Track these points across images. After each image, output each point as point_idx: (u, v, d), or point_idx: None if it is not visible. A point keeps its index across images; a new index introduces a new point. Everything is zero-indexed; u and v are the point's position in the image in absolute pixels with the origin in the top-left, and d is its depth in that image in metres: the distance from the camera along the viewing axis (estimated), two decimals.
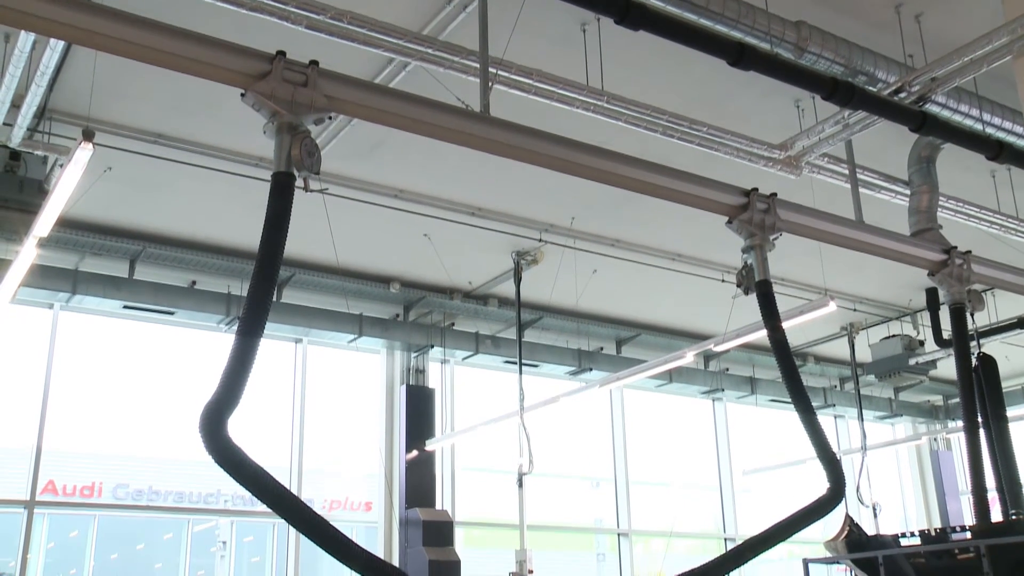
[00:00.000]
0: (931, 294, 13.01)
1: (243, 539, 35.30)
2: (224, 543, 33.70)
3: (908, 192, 8.79)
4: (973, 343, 11.64)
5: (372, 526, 12.90)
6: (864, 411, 15.94)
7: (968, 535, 6.89)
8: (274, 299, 11.43)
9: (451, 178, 10.09)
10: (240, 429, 5.11)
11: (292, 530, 12.40)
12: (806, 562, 7.05)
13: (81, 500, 23.42)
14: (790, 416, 14.86)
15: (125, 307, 11.47)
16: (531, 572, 11.05)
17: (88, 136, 6.43)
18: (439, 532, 11.95)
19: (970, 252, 7.74)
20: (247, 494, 5.02)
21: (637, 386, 15.59)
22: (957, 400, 16.73)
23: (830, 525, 7.67)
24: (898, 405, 18.02)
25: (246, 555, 35.28)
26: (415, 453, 12.62)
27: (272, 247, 4.92)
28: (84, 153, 6.40)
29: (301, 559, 12.35)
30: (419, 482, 12.61)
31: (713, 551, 14.70)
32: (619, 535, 15.22)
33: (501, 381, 14.04)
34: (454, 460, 13.58)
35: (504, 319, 13.19)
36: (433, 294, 12.86)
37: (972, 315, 11.65)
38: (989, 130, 8.03)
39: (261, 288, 4.90)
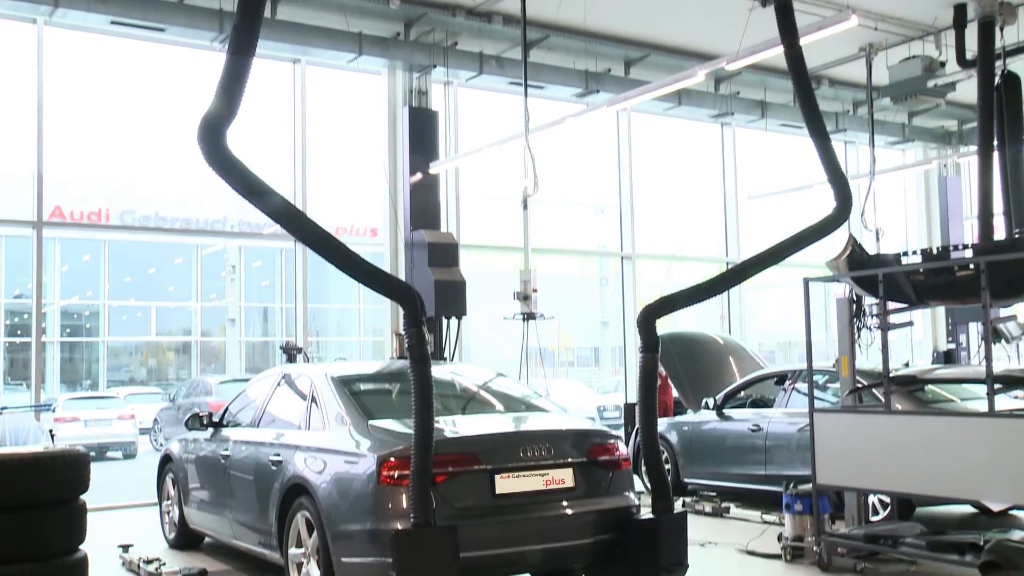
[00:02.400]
0: (959, 10, 12.51)
1: (252, 263, 36.35)
2: (233, 267, 34.70)
3: None
4: (998, 61, 11.40)
5: (378, 252, 13.20)
6: (876, 136, 15.82)
7: (969, 253, 7.01)
8: (268, 14, 11.05)
9: None
10: (241, 155, 5.06)
11: (300, 254, 12.71)
12: (806, 281, 7.23)
13: (89, 223, 23.73)
14: (799, 141, 14.80)
15: (112, 23, 11.07)
16: (535, 291, 11.42)
17: None
18: (444, 253, 12.23)
19: None
20: (254, 218, 5.03)
21: (645, 110, 15.37)
22: (972, 125, 16.53)
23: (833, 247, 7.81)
24: (911, 130, 17.85)
25: (255, 279, 36.43)
26: (419, 176, 12.67)
27: None
28: None
29: (309, 282, 12.74)
30: (424, 205, 12.75)
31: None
32: (622, 258, 15.61)
33: (506, 104, 13.83)
34: (458, 185, 13.66)
35: (509, 38, 12.77)
36: (435, 10, 12.37)
37: (1001, 30, 11.30)
38: None
39: None
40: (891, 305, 7.11)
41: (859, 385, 7.50)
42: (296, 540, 5.99)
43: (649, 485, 5.96)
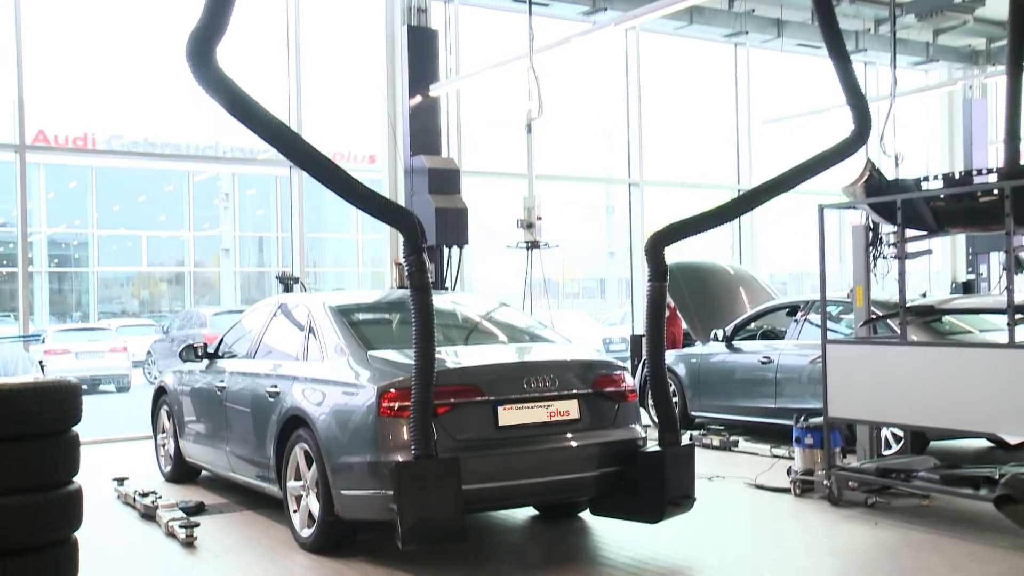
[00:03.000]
0: None
1: (246, 191, 36.21)
2: (227, 195, 34.58)
3: None
4: None
5: (376, 179, 13.10)
6: (898, 56, 15.53)
7: (993, 177, 6.94)
8: None
9: None
10: (232, 75, 4.97)
11: (295, 181, 12.63)
12: (821, 208, 7.18)
13: (74, 148, 23.54)
14: (816, 62, 14.58)
15: None
16: (539, 219, 11.37)
17: None
18: (446, 180, 12.15)
19: None
20: (247, 143, 4.98)
21: (654, 29, 15.10)
22: (1001, 43, 16.25)
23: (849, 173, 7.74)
24: (935, 49, 17.54)
25: (250, 207, 36.35)
26: (419, 99, 12.52)
27: None
28: None
29: (306, 211, 12.68)
30: (424, 130, 12.62)
31: None
32: (630, 186, 15.51)
33: (509, 23, 13.60)
34: (460, 108, 13.51)
35: None
36: None
37: None
38: None
39: None
40: (909, 233, 7.07)
41: (874, 316, 7.50)
42: (295, 473, 6.07)
43: (656, 418, 6.00)
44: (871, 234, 7.33)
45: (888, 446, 8.32)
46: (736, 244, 16.56)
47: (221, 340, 7.92)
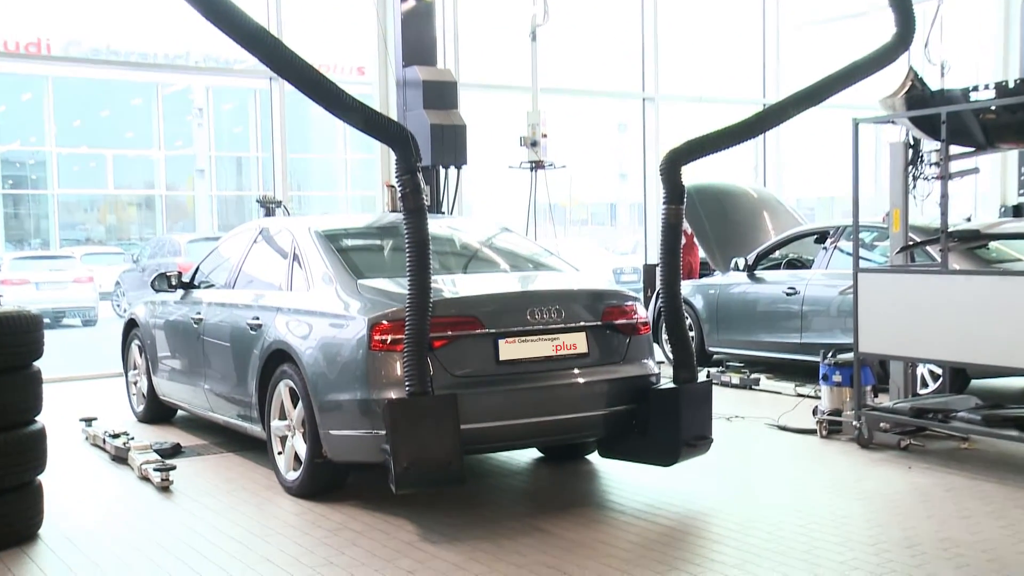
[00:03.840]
0: None
1: (222, 106, 35.83)
2: (200, 110, 34.22)
3: None
4: None
5: (366, 93, 12.97)
6: None
7: None
8: None
9: None
10: None
11: (276, 95, 12.49)
12: (856, 122, 7.11)
13: (27, 54, 23.17)
14: None
15: None
16: (544, 136, 11.30)
17: None
18: (441, 93, 12.02)
19: None
20: (222, 53, 4.91)
21: None
22: None
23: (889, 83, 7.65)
24: None
25: (226, 124, 35.99)
26: (412, 3, 12.33)
27: None
28: None
29: (289, 128, 12.58)
30: (418, 39, 12.45)
31: None
32: (644, 100, 15.35)
33: None
34: (457, 14, 13.31)
35: None
36: None
37: None
38: None
39: None
40: (954, 150, 7.01)
41: (912, 242, 7.49)
42: (279, 412, 6.12)
43: (670, 353, 6.03)
44: (911, 152, 7.28)
45: (924, 384, 8.38)
46: (760, 165, 16.48)
47: (197, 269, 7.93)
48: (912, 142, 7.28)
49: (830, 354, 7.48)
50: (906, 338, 6.71)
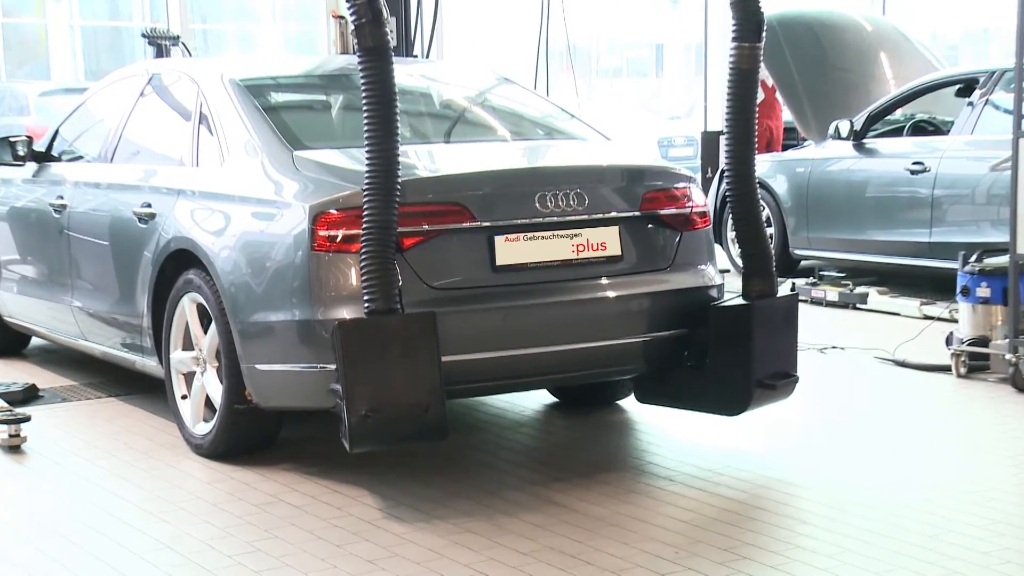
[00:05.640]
0: None
1: None
2: None
3: None
4: None
5: None
6: None
7: None
8: None
9: None
10: None
11: None
12: None
13: None
14: None
15: None
16: None
17: None
18: None
19: None
20: None
21: None
22: None
23: None
24: None
25: None
26: None
27: None
28: None
29: None
30: None
31: None
32: None
33: None
34: None
35: None
36: None
37: None
38: None
39: None
40: None
41: None
42: (183, 339, 6.23)
43: (739, 258, 6.12)
44: None
45: None
46: None
47: (55, 134, 7.96)
48: None
49: (973, 258, 7.51)
50: None
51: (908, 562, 4.61)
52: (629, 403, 6.77)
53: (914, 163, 9.77)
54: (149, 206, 6.50)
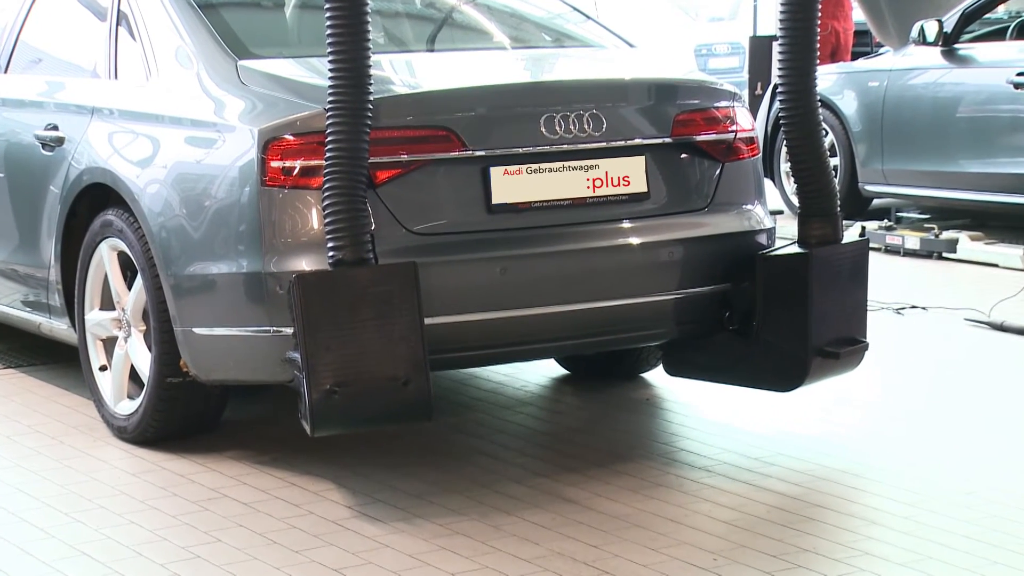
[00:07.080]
0: None
1: None
2: None
3: None
4: None
5: None
6: None
7: None
8: None
9: None
10: None
11: None
12: None
13: None
14: None
15: None
16: None
17: None
18: None
19: None
20: None
21: None
22: None
23: None
24: None
25: None
26: None
27: None
28: None
29: None
30: None
31: None
32: None
33: None
34: None
35: None
36: None
37: None
38: None
39: None
40: None
41: None
42: (100, 297, 6.30)
43: (795, 196, 6.16)
44: None
45: None
46: None
47: None
48: None
49: None
50: None
51: (1005, 573, 4.63)
52: (656, 376, 6.86)
53: (1019, 74, 9.77)
54: (55, 128, 6.54)
